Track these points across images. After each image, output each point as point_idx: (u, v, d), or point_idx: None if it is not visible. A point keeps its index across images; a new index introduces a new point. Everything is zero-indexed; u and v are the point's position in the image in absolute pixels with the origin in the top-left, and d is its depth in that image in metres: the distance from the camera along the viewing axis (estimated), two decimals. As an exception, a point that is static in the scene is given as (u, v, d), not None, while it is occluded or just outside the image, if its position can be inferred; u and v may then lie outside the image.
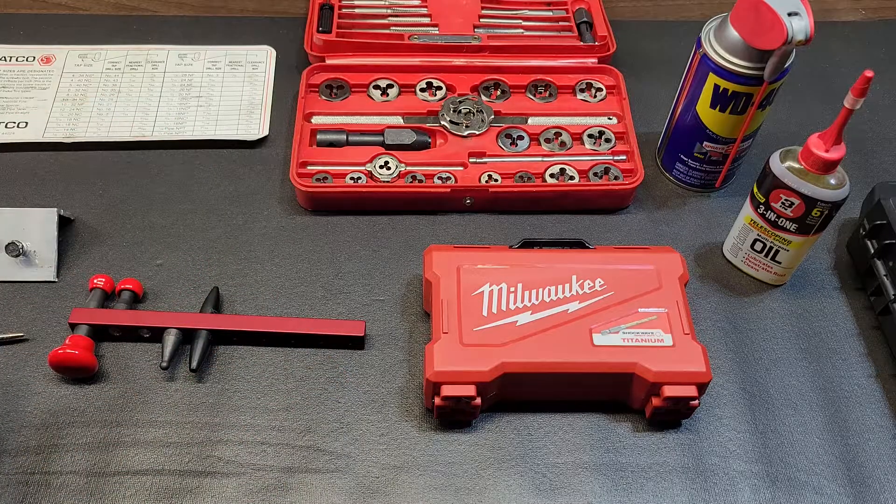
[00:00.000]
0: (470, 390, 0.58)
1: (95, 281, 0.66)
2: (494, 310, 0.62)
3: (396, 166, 0.76)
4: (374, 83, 0.82)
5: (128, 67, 0.84)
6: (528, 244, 0.67)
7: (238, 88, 0.83)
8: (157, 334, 0.64)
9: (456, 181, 0.75)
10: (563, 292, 0.63)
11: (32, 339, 0.65)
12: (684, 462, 0.62)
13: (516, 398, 0.63)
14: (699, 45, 0.69)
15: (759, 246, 0.69)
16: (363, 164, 0.76)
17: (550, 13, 0.91)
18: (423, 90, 0.82)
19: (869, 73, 0.55)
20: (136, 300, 0.67)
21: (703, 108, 0.71)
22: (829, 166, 0.61)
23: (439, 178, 0.75)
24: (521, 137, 0.79)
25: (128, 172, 0.77)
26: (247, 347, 0.66)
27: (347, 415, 0.63)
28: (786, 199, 0.64)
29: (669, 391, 0.59)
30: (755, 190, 0.66)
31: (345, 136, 0.78)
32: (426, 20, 0.89)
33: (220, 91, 0.83)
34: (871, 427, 0.64)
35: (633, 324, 0.61)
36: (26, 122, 0.79)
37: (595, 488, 0.60)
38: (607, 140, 0.79)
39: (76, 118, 0.79)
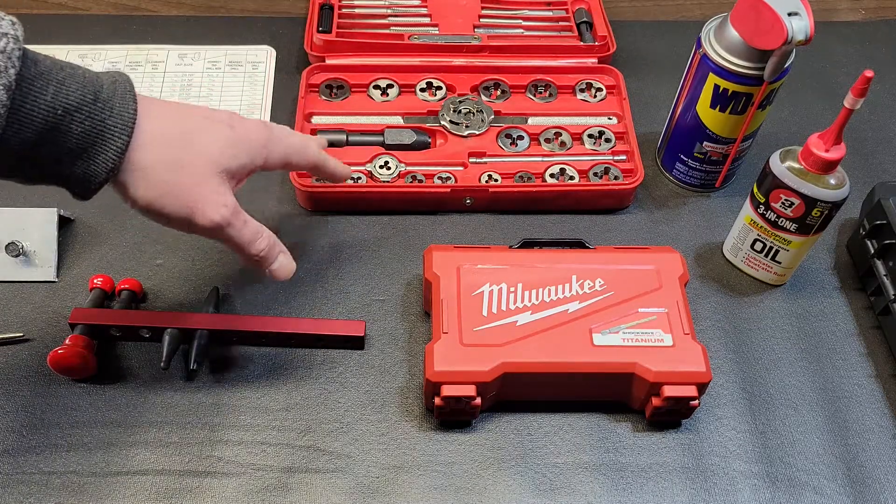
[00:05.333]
0: (470, 390, 0.58)
1: (95, 281, 0.66)
2: (494, 310, 0.62)
3: (396, 166, 0.76)
4: (374, 83, 0.82)
5: (128, 67, 0.84)
6: (528, 244, 0.67)
7: (238, 88, 0.83)
8: (157, 334, 0.64)
9: (456, 181, 0.75)
10: (563, 292, 0.63)
11: (32, 339, 0.65)
12: (684, 462, 0.62)
13: (516, 398, 0.63)
14: (699, 45, 0.69)
15: (759, 246, 0.69)
16: (363, 164, 0.76)
17: (550, 13, 0.91)
18: (423, 90, 0.82)
19: (869, 73, 0.55)
20: (136, 300, 0.67)
21: (703, 108, 0.71)
22: (829, 166, 0.61)
23: (439, 178, 0.75)
24: (521, 137, 0.79)
25: (128, 172, 0.77)
26: (247, 347, 0.66)
27: (347, 415, 0.63)
28: (786, 199, 0.64)
29: (669, 391, 0.59)
30: (755, 190, 0.66)
31: (345, 136, 0.78)
32: (426, 20, 0.89)
33: (220, 91, 0.83)
34: (871, 427, 0.64)
35: (633, 324, 0.61)
36: (26, 122, 0.79)
37: (595, 488, 0.60)
38: (607, 140, 0.79)
39: (76, 118, 0.79)
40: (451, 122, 0.79)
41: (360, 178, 0.75)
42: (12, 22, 0.48)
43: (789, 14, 0.62)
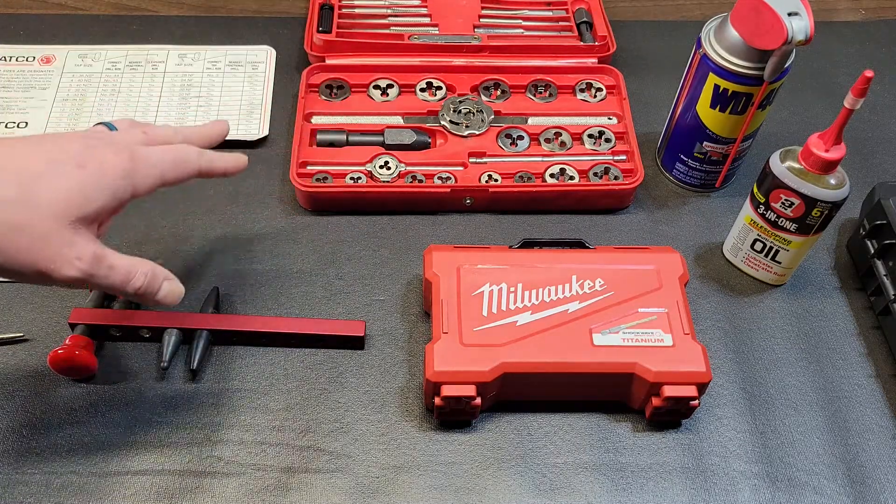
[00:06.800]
0: (470, 390, 0.58)
1: (95, 281, 0.66)
2: (494, 310, 0.62)
3: (396, 166, 0.76)
4: (374, 83, 0.82)
5: (128, 67, 0.84)
6: (528, 244, 0.67)
7: (238, 88, 0.83)
8: (157, 334, 0.64)
9: (456, 181, 0.75)
10: (563, 292, 0.63)
11: (32, 339, 0.65)
12: (684, 462, 0.62)
13: (516, 398, 0.63)
14: (699, 45, 0.69)
15: (759, 246, 0.69)
16: (363, 164, 0.76)
17: (550, 13, 0.91)
18: (423, 90, 0.82)
19: (869, 73, 0.55)
20: (136, 300, 0.67)
21: (703, 108, 0.71)
22: (829, 166, 0.61)
23: (439, 178, 0.75)
24: (521, 137, 0.79)
25: (128, 172, 0.77)
26: (247, 347, 0.66)
27: (347, 415, 0.63)
28: (786, 199, 0.64)
29: (669, 391, 0.59)
30: (755, 190, 0.66)
31: (345, 136, 0.78)
32: (426, 20, 0.89)
33: (220, 91, 0.83)
34: (871, 427, 0.64)
35: (633, 324, 0.61)
36: (26, 122, 0.79)
37: (595, 488, 0.60)
38: (607, 140, 0.79)
39: (76, 118, 0.79)
40: (451, 122, 0.79)
41: (360, 178, 0.75)
42: None
43: (789, 14, 0.62)
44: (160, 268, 0.54)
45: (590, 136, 0.79)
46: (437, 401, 0.59)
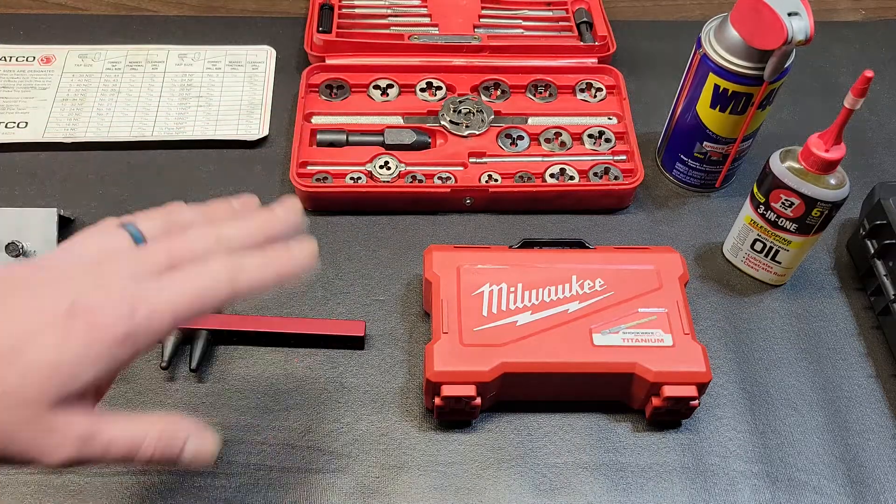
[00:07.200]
0: (470, 390, 0.58)
1: (95, 281, 0.66)
2: (494, 310, 0.62)
3: (396, 166, 0.76)
4: (374, 83, 0.82)
5: (128, 67, 0.84)
6: (528, 244, 0.67)
7: (238, 88, 0.83)
8: (157, 334, 0.64)
9: (456, 181, 0.75)
10: (563, 292, 0.63)
11: (32, 339, 0.65)
12: (684, 462, 0.62)
13: (516, 398, 0.63)
14: (699, 45, 0.69)
15: (759, 246, 0.69)
16: (363, 164, 0.76)
17: (550, 13, 0.91)
18: (423, 90, 0.82)
19: (869, 73, 0.55)
20: (136, 300, 0.67)
21: (703, 108, 0.71)
22: (829, 166, 0.61)
23: (439, 178, 0.75)
24: (521, 137, 0.79)
25: (128, 172, 0.77)
26: (247, 347, 0.66)
27: (347, 415, 0.63)
28: (786, 199, 0.64)
29: (669, 391, 0.59)
30: (755, 190, 0.66)
31: (345, 136, 0.78)
32: (426, 20, 0.89)
33: (220, 91, 0.83)
34: (871, 427, 0.64)
35: (633, 324, 0.61)
36: (26, 122, 0.79)
37: (595, 488, 0.60)
38: (607, 140, 0.79)
39: (76, 118, 0.79)
40: (451, 122, 0.79)
41: (360, 178, 0.75)
42: None
43: (789, 14, 0.62)
44: (182, 422, 0.42)
45: (590, 136, 0.79)
46: (437, 401, 0.59)
